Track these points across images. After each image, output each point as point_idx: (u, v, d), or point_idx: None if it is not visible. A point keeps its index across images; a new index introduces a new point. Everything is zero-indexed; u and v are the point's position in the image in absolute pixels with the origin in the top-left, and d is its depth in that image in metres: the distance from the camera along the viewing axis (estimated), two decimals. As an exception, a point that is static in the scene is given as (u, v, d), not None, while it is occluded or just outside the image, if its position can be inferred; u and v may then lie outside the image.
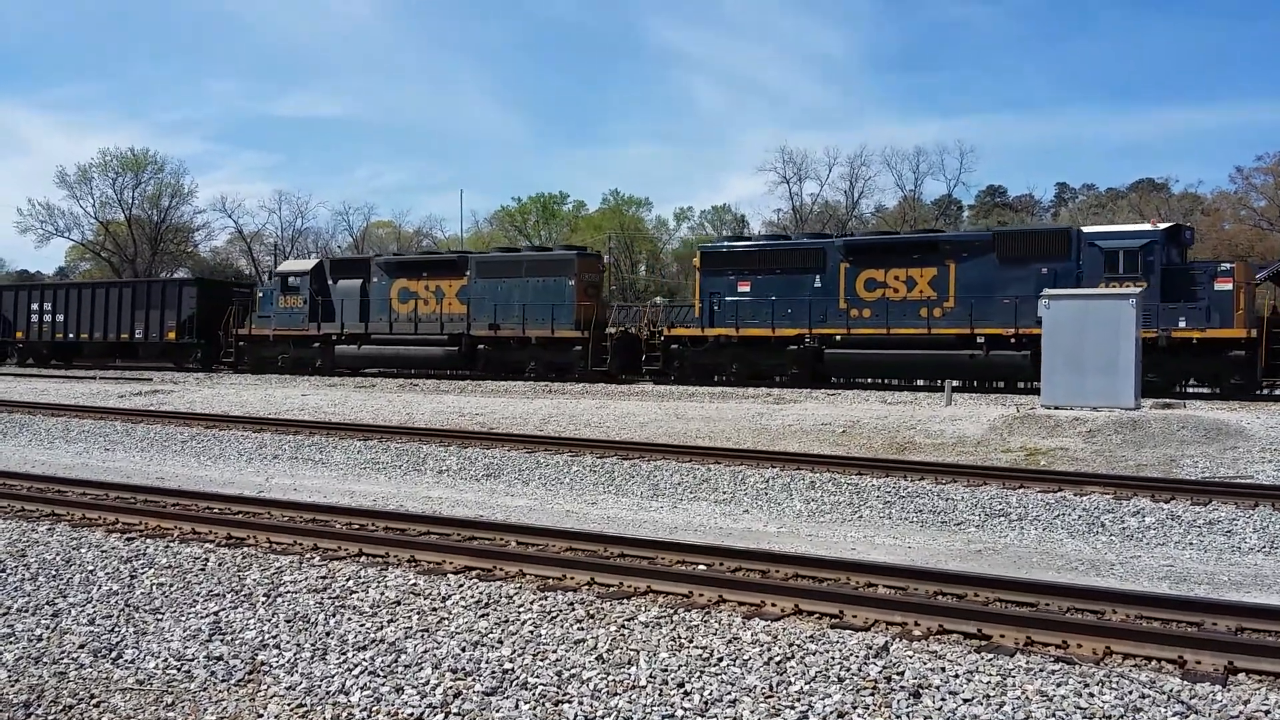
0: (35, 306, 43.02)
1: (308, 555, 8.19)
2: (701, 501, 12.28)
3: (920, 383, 27.42)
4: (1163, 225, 25.15)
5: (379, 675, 5.52)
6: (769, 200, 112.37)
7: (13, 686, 5.56)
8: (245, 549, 8.44)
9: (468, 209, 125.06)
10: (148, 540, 8.77)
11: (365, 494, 12.63)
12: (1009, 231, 29.68)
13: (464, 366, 32.84)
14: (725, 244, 31.78)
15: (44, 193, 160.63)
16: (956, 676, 5.29)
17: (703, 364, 29.12)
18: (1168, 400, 21.57)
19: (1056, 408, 18.32)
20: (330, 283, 35.40)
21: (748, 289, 28.82)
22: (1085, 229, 26.21)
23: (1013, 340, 24.98)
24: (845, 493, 12.21)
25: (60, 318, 42.10)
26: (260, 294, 37.66)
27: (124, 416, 20.67)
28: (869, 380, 28.06)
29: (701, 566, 7.76)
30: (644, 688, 5.25)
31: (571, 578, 7.35)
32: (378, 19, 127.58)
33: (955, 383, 24.59)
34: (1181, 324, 23.52)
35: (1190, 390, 24.54)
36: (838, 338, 27.25)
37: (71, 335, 41.86)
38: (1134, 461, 14.46)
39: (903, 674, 5.33)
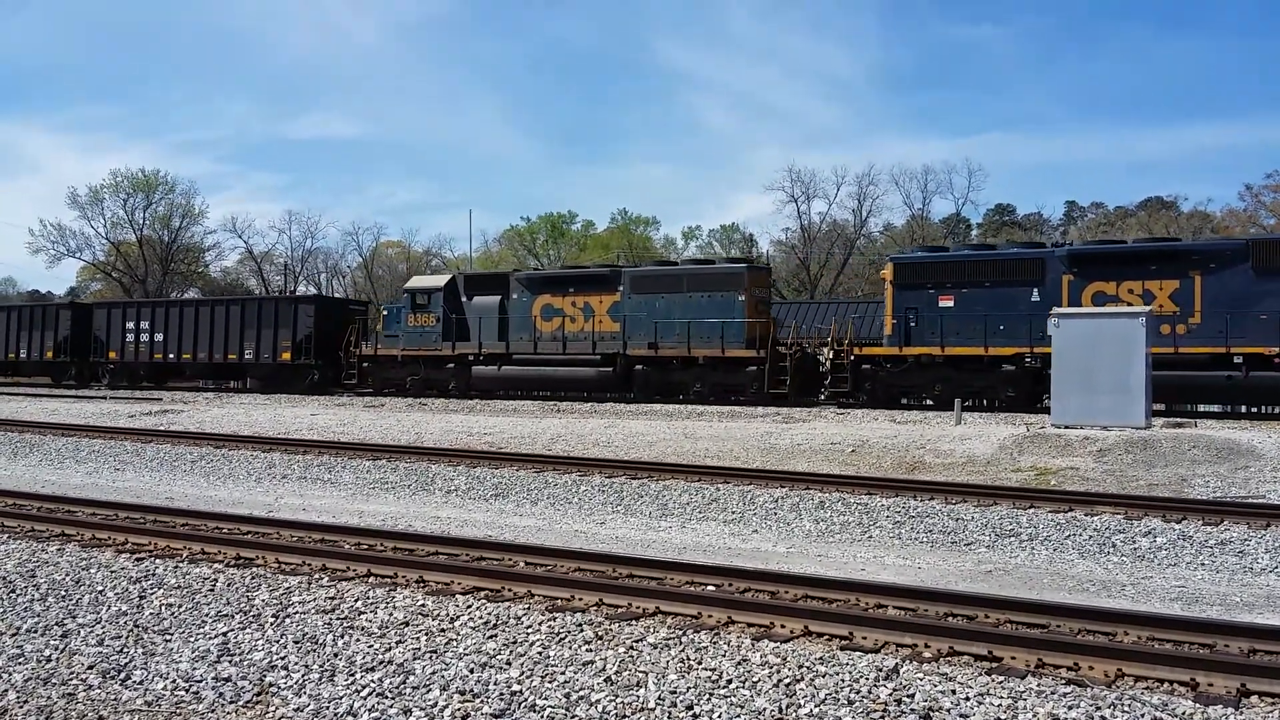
0: (131, 325, 40.54)
1: (316, 576, 8.19)
2: (710, 521, 12.25)
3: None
4: None
5: (387, 697, 5.51)
6: (777, 219, 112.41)
7: (21, 708, 5.56)
8: (254, 569, 8.44)
9: (477, 228, 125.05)
10: (157, 560, 8.78)
11: (374, 514, 12.63)
12: (1267, 239, 26.22)
13: (618, 389, 30.22)
14: (922, 254, 28.66)
15: (56, 213, 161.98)
16: (967, 699, 5.26)
17: (899, 386, 26.76)
18: (1179, 419, 21.49)
19: (1067, 427, 18.26)
20: (464, 299, 33.10)
21: (951, 304, 26.07)
22: None
23: (1278, 360, 22.65)
24: (854, 513, 12.17)
25: (159, 337, 39.64)
26: (385, 312, 35.46)
27: (134, 436, 20.73)
28: None
29: (710, 587, 7.73)
30: (653, 710, 5.23)
31: (580, 598, 7.33)
32: (389, 40, 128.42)
33: (976, 400, 23.89)
34: None
35: (1201, 410, 24.44)
36: None
37: (172, 355, 39.38)
38: (1145, 481, 14.40)
39: (913, 696, 5.30)
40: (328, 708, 5.42)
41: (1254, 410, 24.28)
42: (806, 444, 18.19)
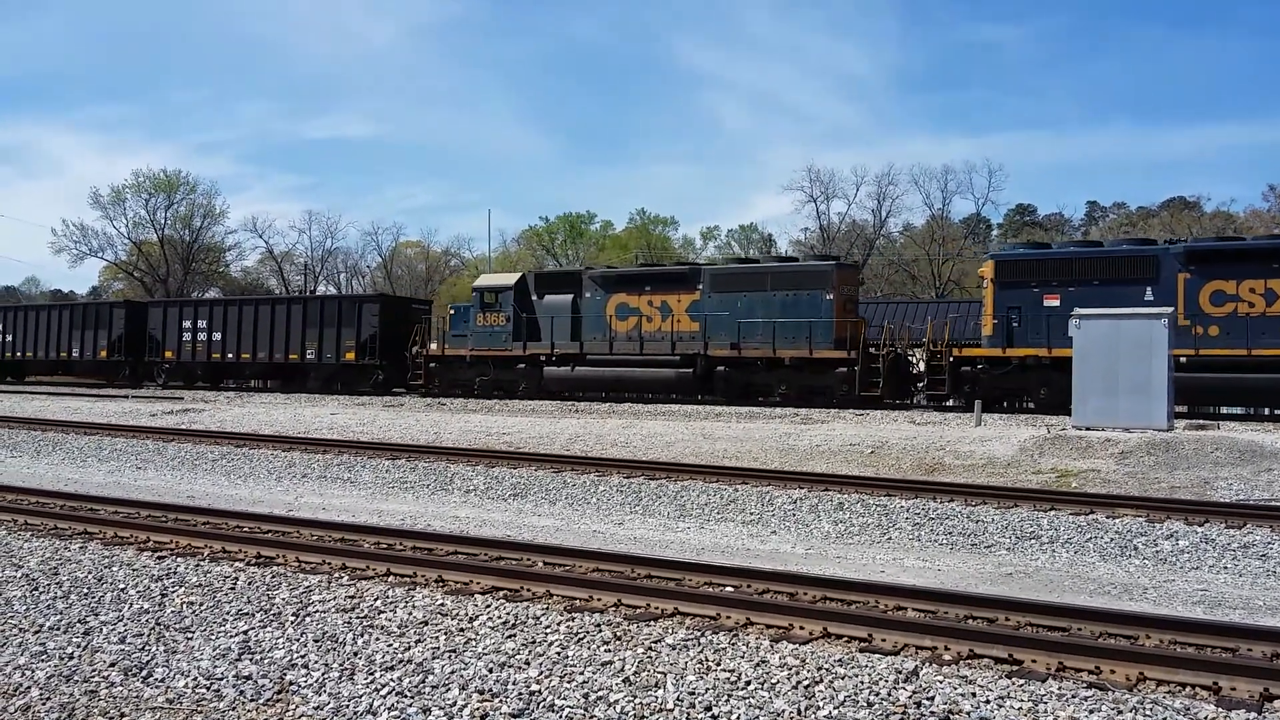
0: (188, 324, 39.86)
1: (336, 575, 8.22)
2: (729, 522, 12.24)
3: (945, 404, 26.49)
4: None
5: (406, 696, 5.53)
6: (796, 219, 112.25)
7: (44, 704, 5.61)
8: (274, 568, 8.49)
9: (495, 229, 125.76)
10: (178, 559, 8.83)
11: (393, 513, 12.67)
12: None
13: (699, 390, 29.46)
14: (1025, 251, 27.49)
15: (78, 213, 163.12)
16: (988, 702, 5.23)
17: (1001, 388, 25.68)
18: (1201, 421, 21.33)
19: (1088, 429, 18.15)
20: (535, 298, 32.28)
21: (1057, 303, 24.71)
22: None
23: None
24: (874, 514, 12.13)
25: (217, 336, 38.95)
26: (452, 311, 34.44)
27: (155, 435, 20.87)
28: (1219, 409, 25.24)
29: (729, 588, 7.73)
30: (671, 711, 5.23)
31: (598, 599, 7.33)
32: (407, 41, 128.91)
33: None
34: None
35: (1223, 411, 24.24)
36: (1183, 359, 22.50)
37: (230, 355, 38.71)
38: (1167, 483, 14.30)
39: (933, 699, 5.28)
40: (347, 706, 5.44)
41: (1277, 412, 24.01)
42: (825, 445, 18.15)
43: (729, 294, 29.16)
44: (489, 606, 7.17)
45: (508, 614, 6.96)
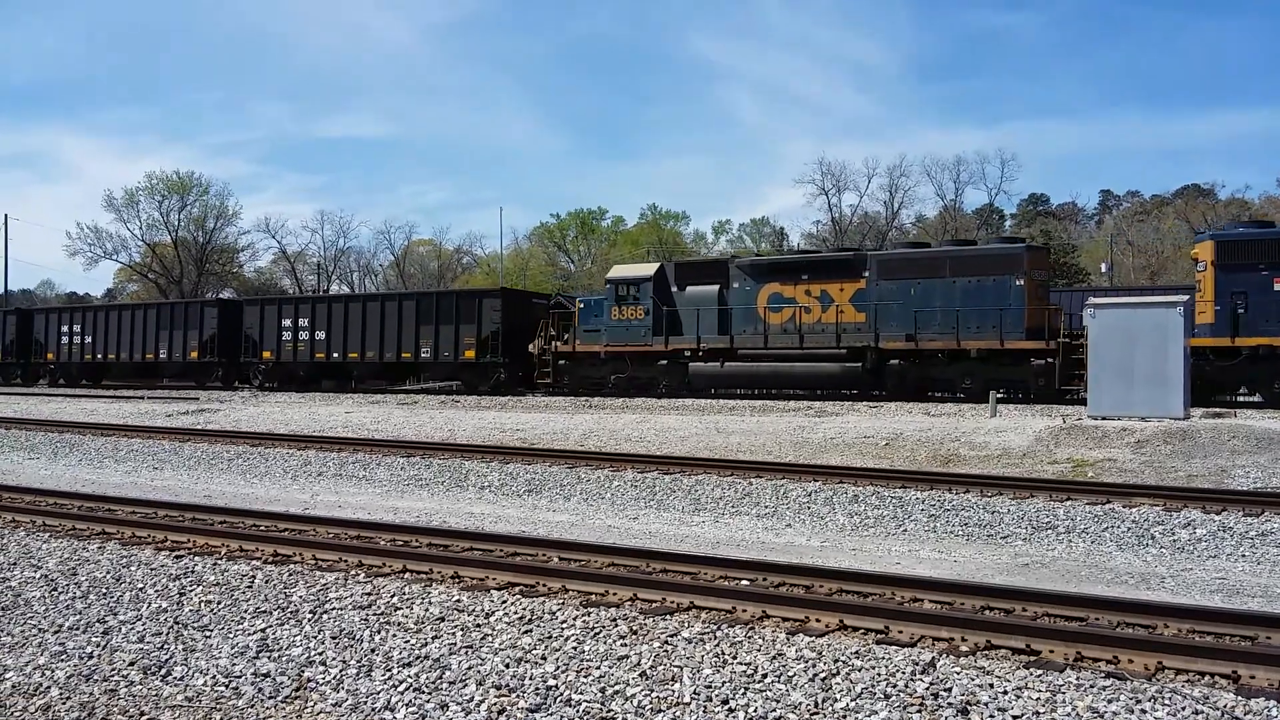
0: (288, 323, 38.34)
1: (353, 572, 8.25)
2: (743, 516, 12.23)
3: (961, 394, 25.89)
4: None
5: (424, 692, 5.54)
6: (808, 212, 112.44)
7: (64, 704, 5.64)
8: (291, 566, 8.52)
9: (507, 226, 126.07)
10: (196, 558, 8.88)
11: (409, 510, 12.70)
12: None
13: (868, 386, 27.62)
14: (1251, 230, 25.10)
15: (92, 216, 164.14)
16: (1005, 693, 5.22)
17: (1223, 381, 23.72)
18: (1218, 410, 21.20)
19: (1104, 418, 18.07)
20: (675, 290, 30.33)
21: None
22: None
23: None
24: (889, 506, 12.11)
25: (320, 335, 37.44)
26: (581, 305, 32.40)
27: (171, 436, 20.97)
28: None
29: (744, 582, 7.72)
30: (688, 705, 5.23)
31: (614, 594, 7.34)
32: (418, 41, 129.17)
33: (1000, 393, 23.27)
34: None
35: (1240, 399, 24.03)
36: None
37: (336, 355, 37.11)
38: (1184, 472, 14.23)
39: (950, 690, 5.27)
40: (365, 703, 5.46)
41: None
42: (839, 438, 18.11)
43: (901, 281, 27.02)
44: (505, 602, 7.19)
45: (524, 609, 6.97)
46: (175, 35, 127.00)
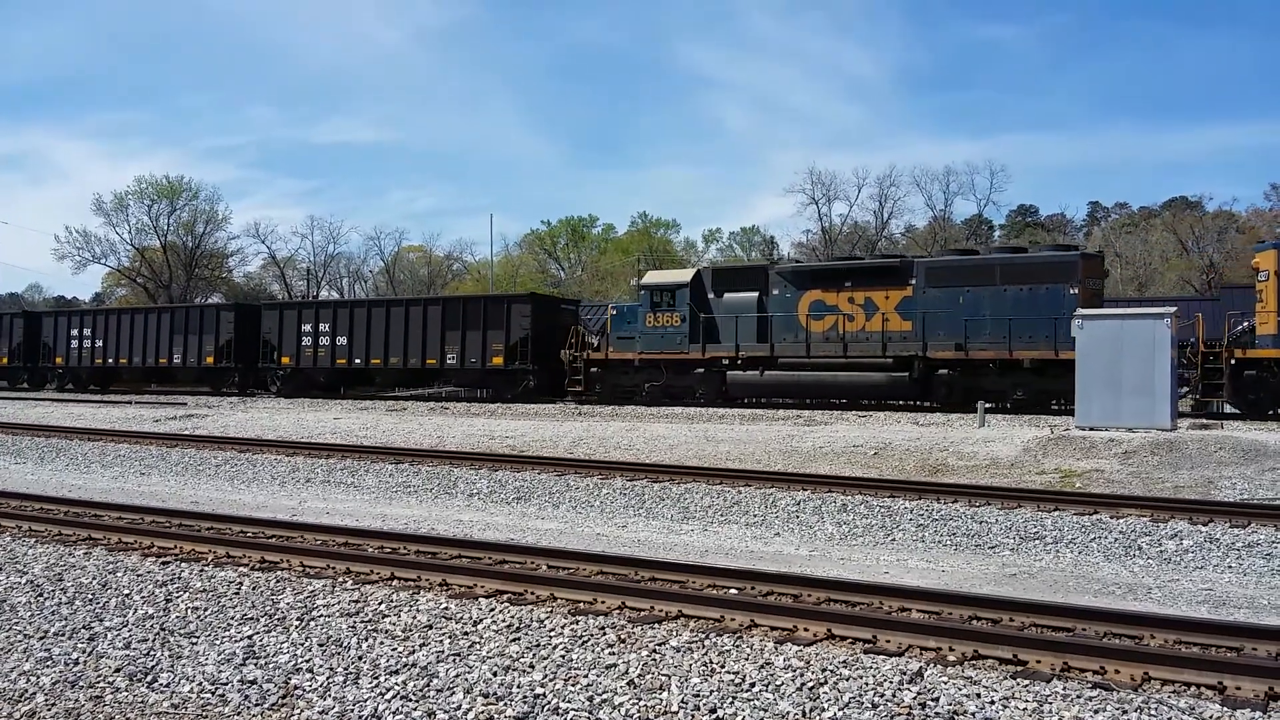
0: (308, 328, 37.37)
1: (340, 579, 8.23)
2: (732, 524, 12.24)
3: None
4: None
5: (411, 700, 5.53)
6: (798, 221, 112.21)
7: (50, 710, 5.61)
8: (279, 573, 8.49)
9: (498, 233, 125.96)
10: (183, 564, 8.84)
11: (397, 517, 12.67)
12: None
13: (916, 396, 26.92)
14: None
15: (81, 220, 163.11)
16: (992, 703, 5.23)
17: None
18: (1204, 420, 21.29)
19: (1091, 429, 18.14)
20: (712, 296, 29.42)
21: None
22: None
23: None
24: (877, 515, 12.13)
25: (341, 340, 36.51)
26: (614, 311, 31.62)
27: (159, 441, 20.89)
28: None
29: (733, 591, 7.72)
30: (676, 713, 5.23)
31: (603, 602, 7.33)
32: (410, 46, 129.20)
33: (988, 404, 23.49)
34: None
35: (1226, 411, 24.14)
36: None
37: (358, 360, 36.13)
38: (1171, 483, 14.29)
39: (937, 700, 5.28)
40: (352, 710, 5.44)
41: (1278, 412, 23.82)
42: (828, 446, 18.14)
43: (950, 289, 26.11)
44: (493, 610, 7.18)
45: (512, 617, 6.96)
46: (168, 39, 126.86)
